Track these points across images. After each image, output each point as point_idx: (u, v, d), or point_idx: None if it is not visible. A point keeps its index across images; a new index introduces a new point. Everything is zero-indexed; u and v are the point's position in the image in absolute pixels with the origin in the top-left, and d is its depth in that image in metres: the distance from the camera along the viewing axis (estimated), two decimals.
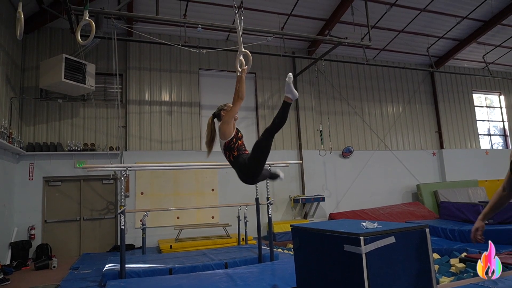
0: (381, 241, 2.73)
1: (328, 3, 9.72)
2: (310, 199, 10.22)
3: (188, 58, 10.05)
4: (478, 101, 14.50)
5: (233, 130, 3.77)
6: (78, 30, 4.16)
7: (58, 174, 8.62)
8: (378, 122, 12.33)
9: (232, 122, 3.78)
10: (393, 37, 11.46)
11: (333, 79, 11.85)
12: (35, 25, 8.71)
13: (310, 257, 3.38)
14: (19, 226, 7.97)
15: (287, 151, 10.66)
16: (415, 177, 12.16)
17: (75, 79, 8.03)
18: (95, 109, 9.15)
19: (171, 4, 8.71)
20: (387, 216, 10.37)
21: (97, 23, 7.41)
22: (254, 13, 9.52)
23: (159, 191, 9.21)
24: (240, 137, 3.78)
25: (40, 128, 8.74)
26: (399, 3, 9.84)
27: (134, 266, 5.34)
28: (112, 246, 8.70)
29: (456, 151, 13.13)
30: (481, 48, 12.56)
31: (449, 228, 7.89)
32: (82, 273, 6.07)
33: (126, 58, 9.60)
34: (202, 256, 6.08)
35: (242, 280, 4.48)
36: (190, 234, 8.72)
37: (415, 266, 2.85)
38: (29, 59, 8.83)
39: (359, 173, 11.53)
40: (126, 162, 8.75)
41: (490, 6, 10.47)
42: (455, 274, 5.06)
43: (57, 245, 8.29)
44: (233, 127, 3.78)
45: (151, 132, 9.50)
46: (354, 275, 2.70)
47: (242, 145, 3.75)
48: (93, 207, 8.90)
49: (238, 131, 3.80)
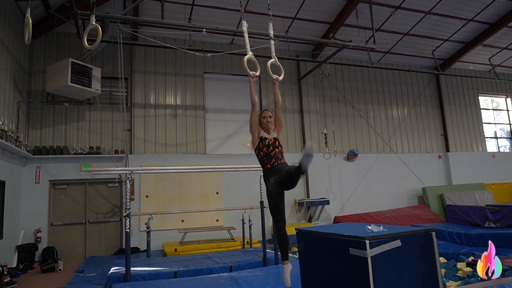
0: (387, 245, 2.71)
1: (333, 6, 9.72)
2: (315, 202, 10.18)
3: (193, 61, 10.10)
4: (484, 104, 14.39)
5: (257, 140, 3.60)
6: (84, 35, 4.20)
7: (64, 177, 8.68)
8: (383, 125, 12.28)
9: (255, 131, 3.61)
10: (398, 40, 11.43)
11: (338, 82, 11.84)
12: (42, 30, 8.82)
13: (315, 260, 3.36)
14: (25, 229, 8.02)
15: (291, 154, 10.62)
16: (420, 180, 12.07)
17: (81, 83, 8.10)
18: (100, 112, 9.22)
19: (176, 8, 8.77)
20: (392, 219, 10.30)
21: (103, 28, 7.47)
22: (259, 17, 9.54)
23: (164, 194, 9.23)
24: (261, 148, 3.54)
25: (46, 132, 8.81)
26: (404, 6, 9.82)
27: (139, 269, 5.35)
28: (117, 249, 8.72)
29: (462, 154, 13.02)
30: (487, 50, 12.47)
31: (456, 232, 7.82)
32: (88, 276, 6.10)
33: (131, 62, 9.67)
34: (207, 259, 6.08)
35: (247, 284, 4.47)
36: (194, 237, 8.72)
37: (421, 270, 2.83)
38: (36, 64, 8.92)
39: (364, 176, 11.47)
40: (131, 165, 8.79)
41: (497, 8, 10.41)
42: (462, 278, 5.01)
43: (63, 248, 8.33)
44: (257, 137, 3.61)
45: (156, 136, 9.54)
46: (360, 279, 2.68)
47: (265, 156, 3.52)
48: (99, 210, 8.94)
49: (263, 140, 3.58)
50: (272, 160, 3.50)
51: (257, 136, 3.62)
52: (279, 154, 3.55)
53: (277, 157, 3.53)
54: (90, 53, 8.22)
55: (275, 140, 3.60)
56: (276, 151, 3.54)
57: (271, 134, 3.63)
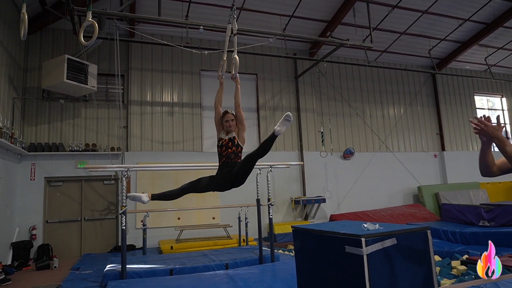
0: (382, 243, 2.73)
1: (330, 5, 9.72)
2: (311, 200, 10.21)
3: (190, 59, 10.06)
4: (480, 103, 14.48)
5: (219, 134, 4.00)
6: (81, 31, 4.17)
7: (59, 175, 8.63)
8: (379, 124, 12.32)
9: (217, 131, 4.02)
10: (395, 39, 11.46)
11: (335, 80, 11.85)
12: (38, 26, 8.74)
13: (311, 258, 3.37)
14: (20, 226, 7.99)
15: (288, 152, 10.66)
16: (416, 179, 12.14)
17: (77, 80, 8.05)
18: (96, 109, 9.17)
19: (173, 5, 8.73)
20: (388, 218, 10.35)
21: (100, 24, 7.44)
22: (256, 15, 9.54)
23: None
24: (218, 147, 3.92)
25: (42, 129, 8.76)
26: (401, 5, 9.84)
27: (135, 266, 5.34)
28: (113, 246, 8.70)
29: (457, 153, 13.10)
30: (483, 50, 12.54)
31: (451, 230, 7.88)
32: (83, 273, 6.08)
33: (128, 59, 9.62)
34: (203, 257, 6.08)
35: (242, 281, 4.48)
36: (191, 235, 8.72)
37: (416, 268, 2.85)
38: (31, 60, 8.86)
39: (360, 174, 11.51)
40: (127, 162, 8.76)
41: (493, 8, 10.46)
42: (456, 276, 5.05)
43: (58, 246, 8.30)
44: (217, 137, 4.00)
45: (152, 133, 9.51)
46: (356, 277, 2.70)
47: (219, 155, 3.86)
48: (94, 207, 8.91)
49: (219, 140, 3.94)
50: (223, 159, 3.83)
51: (217, 136, 3.99)
52: (231, 154, 3.81)
53: (228, 156, 3.82)
54: (86, 50, 8.18)
55: (230, 140, 3.86)
56: (229, 151, 3.82)
57: (229, 134, 3.89)
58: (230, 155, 3.79)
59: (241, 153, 3.88)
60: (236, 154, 3.81)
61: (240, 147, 3.86)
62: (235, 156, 3.80)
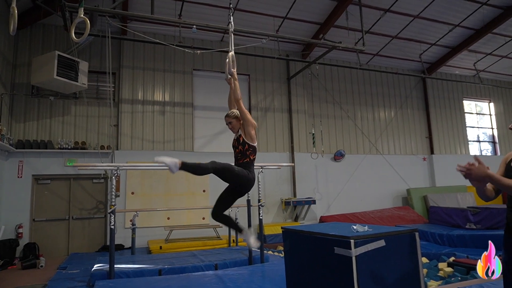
0: (371, 244, 2.75)
1: (323, 7, 9.78)
2: (301, 201, 10.24)
3: (182, 58, 10.02)
4: (468, 108, 14.71)
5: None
6: (72, 28, 4.13)
7: (47, 172, 8.51)
8: (370, 127, 12.43)
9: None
10: (386, 42, 11.57)
11: (327, 82, 11.92)
12: (28, 21, 8.61)
13: (300, 259, 3.38)
14: (6, 224, 7.83)
15: (279, 153, 10.68)
16: (405, 182, 12.27)
17: (68, 77, 7.95)
18: (87, 107, 9.07)
19: (166, 4, 8.68)
20: (377, 220, 10.45)
21: (91, 21, 7.34)
22: (249, 15, 9.54)
23: (150, 191, 9.15)
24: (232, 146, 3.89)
25: (30, 125, 8.62)
26: (393, 9, 9.95)
27: (123, 266, 5.30)
28: (101, 246, 8.61)
29: (446, 156, 13.28)
30: (472, 55, 12.75)
31: (438, 233, 7.99)
32: (70, 273, 6.00)
33: (119, 56, 9.54)
34: (192, 257, 6.06)
35: (232, 282, 4.47)
36: (180, 235, 8.67)
37: (404, 270, 2.88)
38: (21, 56, 8.72)
39: (350, 176, 11.59)
40: (117, 161, 8.68)
41: (482, 15, 10.64)
42: (443, 278, 5.12)
43: (45, 244, 8.18)
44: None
45: (143, 132, 9.44)
46: (344, 278, 2.72)
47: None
48: (83, 206, 8.80)
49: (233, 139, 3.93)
50: (235, 161, 3.75)
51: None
52: (238, 154, 3.72)
53: (236, 157, 3.74)
54: (78, 47, 8.07)
55: (236, 140, 3.78)
56: (236, 151, 3.74)
57: (235, 134, 3.83)
58: (237, 156, 3.71)
59: (249, 151, 3.67)
60: (243, 154, 3.67)
61: (248, 145, 3.66)
62: (242, 156, 3.68)
